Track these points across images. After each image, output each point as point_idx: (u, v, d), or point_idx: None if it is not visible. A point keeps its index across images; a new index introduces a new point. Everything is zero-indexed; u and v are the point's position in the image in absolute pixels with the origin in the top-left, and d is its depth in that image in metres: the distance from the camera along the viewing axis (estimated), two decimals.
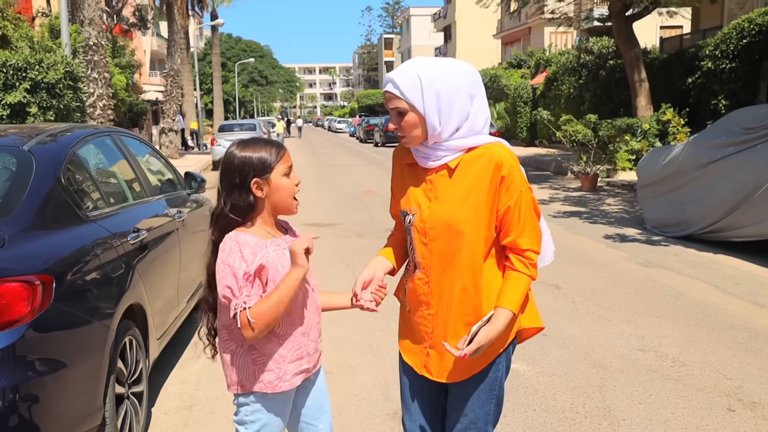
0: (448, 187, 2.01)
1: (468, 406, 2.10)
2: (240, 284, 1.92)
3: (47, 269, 2.64)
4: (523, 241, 2.00)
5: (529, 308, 2.14)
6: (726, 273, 6.45)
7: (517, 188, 1.98)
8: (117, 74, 19.95)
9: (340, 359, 4.42)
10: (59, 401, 2.61)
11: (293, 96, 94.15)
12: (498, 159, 1.97)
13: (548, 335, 4.81)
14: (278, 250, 2.02)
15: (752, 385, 3.90)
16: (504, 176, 1.96)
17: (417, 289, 2.10)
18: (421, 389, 2.20)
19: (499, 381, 2.12)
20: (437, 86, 1.93)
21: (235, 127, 23.21)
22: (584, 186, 13.31)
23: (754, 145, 7.07)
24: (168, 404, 3.84)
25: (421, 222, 2.04)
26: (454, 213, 1.99)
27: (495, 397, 2.12)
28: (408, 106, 1.95)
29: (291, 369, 2.06)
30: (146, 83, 35.43)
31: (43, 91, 11.11)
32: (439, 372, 2.10)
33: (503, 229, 2.02)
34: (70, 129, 3.85)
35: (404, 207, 2.11)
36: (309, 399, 2.20)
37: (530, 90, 25.48)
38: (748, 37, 12.91)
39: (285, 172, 2.04)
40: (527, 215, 2.00)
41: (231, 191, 2.00)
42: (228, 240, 1.98)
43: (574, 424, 3.47)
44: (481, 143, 2.00)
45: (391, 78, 1.97)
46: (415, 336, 2.16)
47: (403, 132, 2.00)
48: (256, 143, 2.04)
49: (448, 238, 2.00)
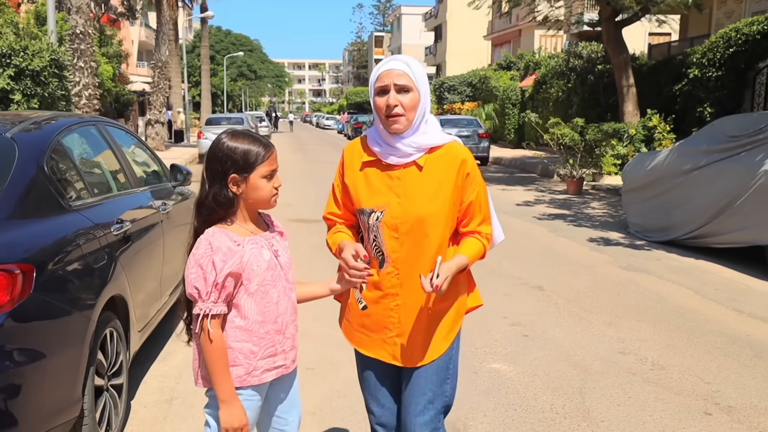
0: (418, 183, 2.12)
1: (427, 386, 2.21)
2: (208, 289, 1.94)
3: (28, 258, 2.61)
4: (483, 228, 2.22)
5: (475, 290, 2.36)
6: (707, 279, 6.52)
7: (477, 183, 2.19)
8: (104, 64, 19.76)
9: (322, 355, 4.42)
10: (37, 392, 2.58)
11: (282, 91, 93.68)
12: (462, 157, 2.14)
13: (530, 336, 4.84)
14: (255, 248, 2.02)
15: (729, 390, 3.94)
16: (469, 172, 2.15)
17: (384, 282, 2.17)
18: (385, 376, 2.30)
19: (453, 360, 2.28)
20: (425, 79, 2.13)
21: (223, 120, 23.07)
22: (570, 189, 13.38)
23: (738, 153, 7.14)
24: (148, 397, 3.81)
25: (392, 218, 2.12)
26: (425, 208, 2.11)
27: (450, 376, 2.27)
28: (414, 87, 2.07)
29: (262, 365, 2.07)
30: (133, 74, 35.14)
31: (28, 79, 10.99)
32: (406, 358, 2.20)
33: (466, 219, 2.20)
34: (54, 117, 3.81)
35: (367, 205, 2.16)
36: (282, 392, 2.21)
37: (519, 92, 25.56)
38: (734, 46, 13.05)
39: (266, 174, 2.02)
40: (486, 206, 2.23)
41: (213, 181, 2.00)
42: (203, 239, 1.98)
43: (554, 424, 3.50)
44: (443, 142, 2.15)
45: (401, 58, 2.10)
46: (376, 329, 2.23)
47: (404, 111, 2.07)
48: (246, 138, 2.02)
49: (419, 232, 2.12)
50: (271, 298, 2.06)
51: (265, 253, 2.04)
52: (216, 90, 52.84)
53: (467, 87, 32.49)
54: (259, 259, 2.02)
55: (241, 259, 1.98)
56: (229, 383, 1.99)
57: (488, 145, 19.89)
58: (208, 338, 1.96)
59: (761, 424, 3.51)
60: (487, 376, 4.09)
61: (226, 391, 1.99)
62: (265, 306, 2.04)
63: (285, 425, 2.22)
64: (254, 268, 2.00)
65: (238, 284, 2.00)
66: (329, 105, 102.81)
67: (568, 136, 13.71)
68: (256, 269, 2.00)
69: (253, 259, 2.00)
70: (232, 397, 1.99)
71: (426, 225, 2.10)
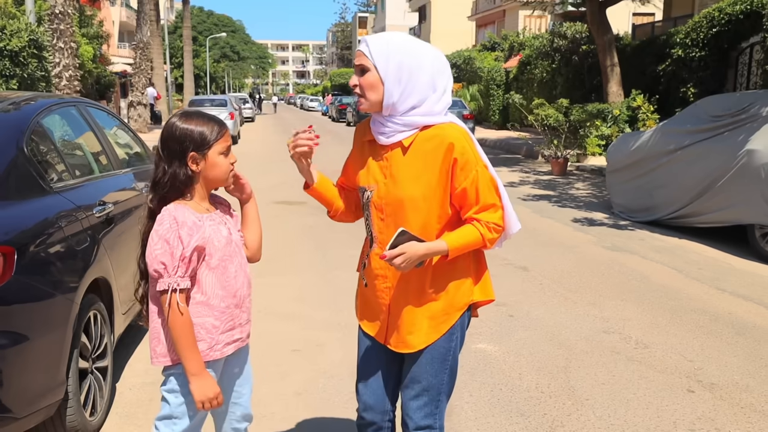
0: (402, 165, 2.07)
1: (422, 375, 2.18)
2: (175, 264, 1.96)
3: (8, 241, 2.57)
4: (484, 215, 2.06)
5: (484, 281, 2.22)
6: (690, 258, 6.58)
7: (472, 168, 2.04)
8: (84, 44, 19.46)
9: (307, 337, 4.42)
10: (21, 375, 2.56)
11: (265, 73, 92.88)
12: (450, 141, 2.02)
13: (515, 316, 4.86)
14: (213, 225, 2.08)
15: (711, 367, 3.99)
16: (456, 158, 2.02)
17: (374, 263, 2.16)
18: (379, 357, 2.27)
19: (453, 351, 2.19)
20: (402, 58, 2.00)
21: (206, 102, 22.86)
22: (554, 170, 13.43)
23: (721, 133, 7.19)
24: (133, 380, 3.79)
25: (378, 198, 2.11)
26: (407, 190, 2.05)
27: (449, 368, 2.19)
28: (372, 65, 2.01)
29: (223, 339, 2.11)
30: (114, 55, 34.63)
31: (6, 59, 10.81)
32: (397, 342, 2.18)
33: (463, 207, 2.08)
34: (33, 98, 3.74)
35: (363, 183, 2.17)
36: (236, 366, 2.25)
37: (503, 73, 25.53)
38: (717, 26, 13.10)
39: (223, 150, 2.08)
40: (486, 193, 2.06)
41: (171, 161, 2.03)
42: (166, 215, 2.00)
43: (539, 403, 3.53)
44: (435, 123, 2.05)
45: (365, 39, 2.05)
46: (373, 309, 2.23)
47: (361, 90, 2.05)
48: (199, 117, 2.07)
49: (403, 215, 2.07)
50: (230, 272, 2.11)
51: (222, 229, 2.10)
52: (199, 71, 52.27)
53: (452, 68, 32.27)
54: (219, 234, 2.07)
55: (203, 234, 2.02)
56: (197, 356, 2.02)
57: (473, 127, 19.88)
58: (178, 312, 1.97)
59: (743, 401, 3.57)
60: (473, 357, 4.11)
61: (196, 364, 2.01)
62: (225, 281, 2.10)
63: (239, 398, 2.28)
64: (215, 244, 2.05)
65: (200, 259, 2.04)
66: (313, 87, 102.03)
67: (553, 117, 13.74)
68: (217, 244, 2.06)
69: (213, 234, 2.05)
70: (202, 369, 2.03)
71: (406, 208, 2.06)
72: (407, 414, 2.21)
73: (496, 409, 3.45)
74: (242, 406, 2.29)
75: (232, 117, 21.20)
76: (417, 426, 2.19)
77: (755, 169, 6.48)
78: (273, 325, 4.61)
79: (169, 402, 2.11)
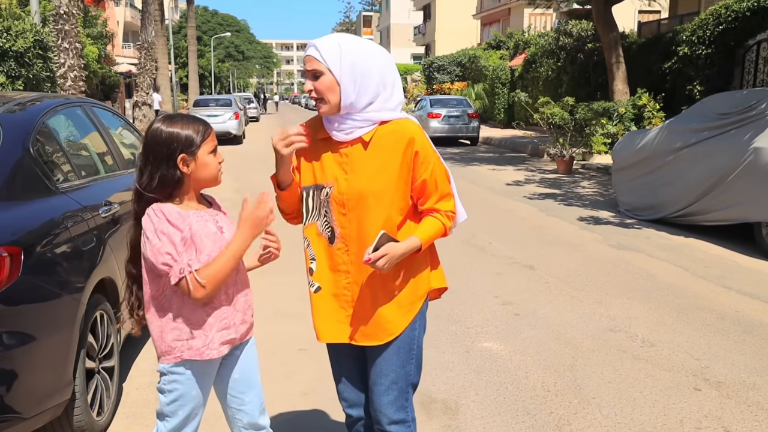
0: (363, 160, 2.12)
1: (389, 367, 2.21)
2: (179, 249, 1.97)
3: (15, 241, 2.58)
4: (442, 204, 2.19)
5: (439, 269, 2.32)
6: (696, 256, 6.56)
7: (430, 161, 2.14)
8: (89, 45, 19.52)
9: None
10: (28, 375, 2.57)
11: (270, 72, 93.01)
12: (410, 135, 2.10)
13: (521, 315, 4.86)
14: (200, 220, 2.06)
15: (718, 366, 3.98)
16: (417, 151, 2.11)
17: (336, 259, 2.18)
18: (348, 356, 2.33)
19: (417, 340, 2.25)
20: (354, 58, 2.06)
21: (211, 102, 22.83)
22: (560, 168, 13.39)
23: (728, 131, 7.16)
24: (140, 379, 3.80)
25: (339, 194, 2.14)
26: (370, 184, 2.10)
27: (414, 357, 2.25)
28: (325, 69, 2.05)
29: (218, 338, 2.10)
30: (119, 55, 34.74)
31: (11, 60, 10.82)
32: (362, 337, 2.20)
33: (422, 198, 2.17)
34: (39, 98, 3.75)
35: (319, 181, 2.17)
36: (236, 372, 2.23)
37: (509, 71, 25.46)
38: (724, 23, 13.02)
39: (211, 149, 2.08)
40: (443, 183, 2.18)
41: (158, 166, 2.01)
42: (151, 212, 2.00)
43: (545, 401, 3.52)
44: (392, 118, 2.12)
45: (313, 43, 2.08)
46: (333, 311, 2.23)
47: (319, 94, 2.09)
48: (183, 119, 2.07)
49: (366, 208, 2.11)
50: None
51: (210, 225, 2.08)
52: (203, 71, 52.39)
53: (456, 67, 32.31)
54: (206, 229, 2.06)
55: (190, 226, 2.01)
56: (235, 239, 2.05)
57: (478, 125, 19.83)
58: (201, 288, 1.97)
59: (750, 399, 3.55)
60: (479, 355, 4.10)
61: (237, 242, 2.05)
62: None
63: (242, 405, 2.24)
64: (203, 239, 2.04)
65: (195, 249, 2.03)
66: None
67: (558, 116, 13.69)
68: (205, 240, 2.04)
69: (200, 229, 2.04)
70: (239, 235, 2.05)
71: (369, 202, 2.10)
72: (379, 411, 2.23)
73: (502, 408, 3.44)
74: (248, 414, 2.24)
75: (237, 117, 21.20)
76: (391, 421, 2.22)
77: (762, 167, 6.45)
78: (279, 325, 4.61)
79: (159, 400, 2.14)
